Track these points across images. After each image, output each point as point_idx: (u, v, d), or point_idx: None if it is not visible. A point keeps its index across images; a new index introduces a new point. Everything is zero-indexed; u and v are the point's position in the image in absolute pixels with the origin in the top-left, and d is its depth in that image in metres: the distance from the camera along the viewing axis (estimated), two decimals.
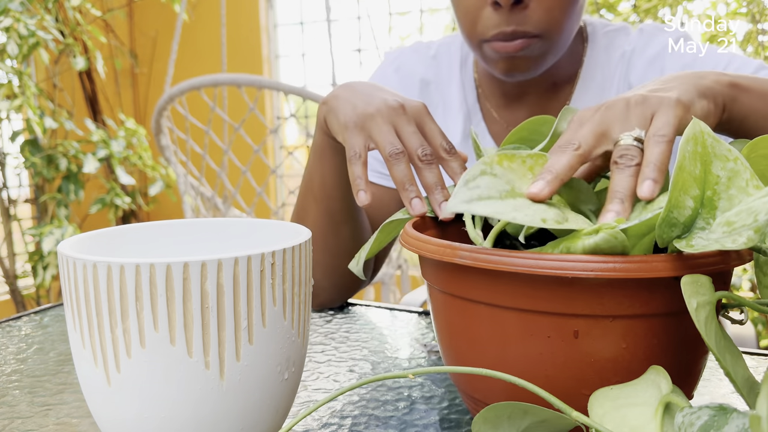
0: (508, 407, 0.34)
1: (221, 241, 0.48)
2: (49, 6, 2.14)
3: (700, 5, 1.95)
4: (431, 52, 0.86)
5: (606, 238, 0.35)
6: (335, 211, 0.70)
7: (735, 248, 0.31)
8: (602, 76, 0.80)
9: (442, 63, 0.85)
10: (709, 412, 0.28)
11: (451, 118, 0.84)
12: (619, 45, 0.81)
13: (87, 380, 0.37)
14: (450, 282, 0.41)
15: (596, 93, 0.81)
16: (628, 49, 0.80)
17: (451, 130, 0.83)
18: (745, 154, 0.42)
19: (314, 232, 0.71)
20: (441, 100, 0.84)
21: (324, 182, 0.69)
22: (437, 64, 0.85)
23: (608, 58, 0.81)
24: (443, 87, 0.84)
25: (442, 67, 0.84)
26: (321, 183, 0.69)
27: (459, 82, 0.84)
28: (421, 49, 0.87)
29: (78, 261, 0.35)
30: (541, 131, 0.51)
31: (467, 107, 0.83)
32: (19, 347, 0.65)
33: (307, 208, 0.72)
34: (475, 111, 0.83)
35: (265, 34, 2.74)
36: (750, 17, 1.81)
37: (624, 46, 0.80)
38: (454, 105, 0.83)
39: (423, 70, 0.85)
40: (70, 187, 2.18)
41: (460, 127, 0.83)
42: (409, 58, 0.86)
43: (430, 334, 0.67)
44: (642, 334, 0.36)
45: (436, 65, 0.85)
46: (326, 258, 0.72)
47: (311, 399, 0.52)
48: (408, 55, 0.86)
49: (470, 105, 0.83)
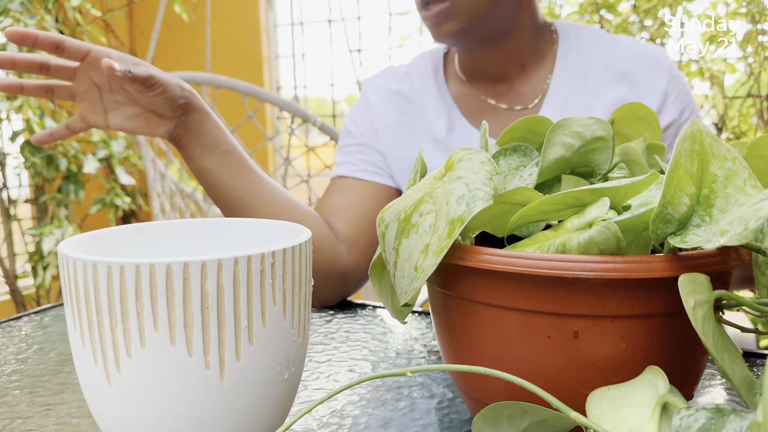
0: (507, 407, 0.34)
1: (221, 241, 0.48)
2: (49, 6, 2.14)
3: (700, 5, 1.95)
4: (403, 71, 0.97)
5: (600, 231, 0.35)
6: (239, 196, 0.75)
7: (725, 243, 0.32)
8: (576, 59, 0.90)
9: (413, 77, 0.95)
10: (706, 414, 0.28)
11: (434, 119, 0.92)
12: (586, 35, 0.92)
13: (87, 380, 0.37)
14: (450, 282, 0.41)
15: (573, 74, 0.89)
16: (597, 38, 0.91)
17: (436, 130, 0.91)
18: (744, 154, 0.42)
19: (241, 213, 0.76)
20: (420, 107, 0.94)
21: (214, 193, 0.76)
22: (410, 80, 0.95)
23: (578, 45, 0.91)
24: (419, 95, 0.94)
25: (415, 80, 0.95)
26: (208, 185, 0.75)
27: (434, 88, 0.93)
28: (393, 70, 0.98)
29: (78, 261, 0.35)
30: (534, 131, 0.51)
31: (446, 107, 0.92)
32: (20, 347, 0.65)
33: (226, 210, 0.77)
34: (454, 109, 0.92)
35: (265, 34, 2.74)
36: (750, 17, 1.81)
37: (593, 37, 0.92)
38: (433, 108, 0.92)
39: (398, 86, 0.95)
40: (70, 187, 2.18)
41: (444, 126, 0.91)
42: (383, 80, 0.97)
43: (430, 334, 0.67)
44: (642, 334, 0.36)
45: (409, 80, 0.95)
46: None
47: (311, 399, 0.52)
48: (383, 77, 0.97)
49: (448, 105, 0.92)
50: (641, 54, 0.89)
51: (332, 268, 0.79)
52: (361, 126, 0.94)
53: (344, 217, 0.84)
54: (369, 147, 0.93)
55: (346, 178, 0.91)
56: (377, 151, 0.92)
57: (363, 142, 0.93)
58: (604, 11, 1.96)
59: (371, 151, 0.92)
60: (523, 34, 0.89)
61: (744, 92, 1.92)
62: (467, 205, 0.37)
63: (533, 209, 0.38)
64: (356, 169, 0.91)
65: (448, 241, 0.37)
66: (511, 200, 0.41)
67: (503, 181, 0.48)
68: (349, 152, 0.93)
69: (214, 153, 0.74)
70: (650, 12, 1.87)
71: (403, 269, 0.40)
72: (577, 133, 0.46)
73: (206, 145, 0.73)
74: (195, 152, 0.74)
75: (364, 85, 0.98)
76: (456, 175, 0.40)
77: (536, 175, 0.45)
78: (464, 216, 0.37)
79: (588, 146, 0.46)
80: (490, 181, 0.39)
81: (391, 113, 0.93)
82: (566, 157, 0.46)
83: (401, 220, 0.41)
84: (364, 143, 0.93)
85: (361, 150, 0.92)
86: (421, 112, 0.93)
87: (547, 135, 0.45)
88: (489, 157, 0.40)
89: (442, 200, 0.39)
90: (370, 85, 0.97)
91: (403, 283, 0.40)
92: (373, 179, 0.90)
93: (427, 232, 0.39)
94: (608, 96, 0.87)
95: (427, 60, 0.96)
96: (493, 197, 0.38)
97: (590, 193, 0.37)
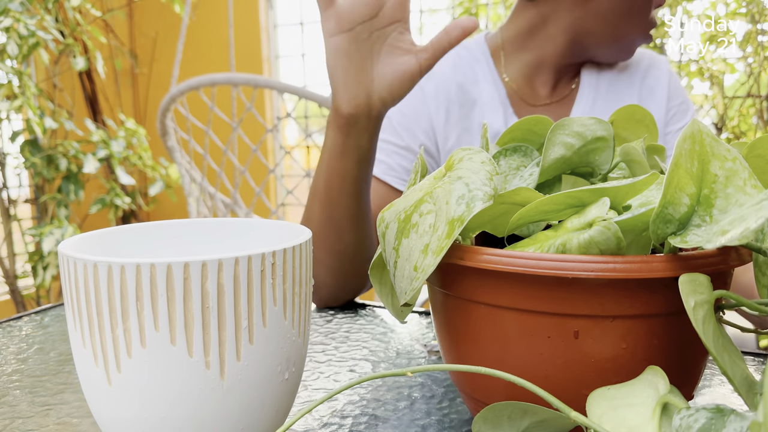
0: (508, 407, 0.34)
1: (221, 241, 0.48)
2: (49, 6, 2.14)
3: (700, 5, 1.95)
4: (450, 62, 0.91)
5: (600, 230, 0.35)
6: (339, 217, 0.69)
7: (725, 243, 0.32)
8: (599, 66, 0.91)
9: (464, 67, 0.90)
10: (707, 414, 0.28)
11: (489, 112, 0.88)
12: None
13: (87, 380, 0.37)
14: (450, 282, 0.41)
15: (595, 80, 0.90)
16: None
17: (492, 122, 0.87)
18: (744, 154, 0.42)
19: (318, 236, 0.71)
20: (478, 97, 0.89)
21: (329, 187, 0.68)
22: (461, 70, 0.90)
23: None
24: (475, 85, 0.89)
25: (467, 69, 0.90)
26: (326, 188, 0.69)
27: (489, 79, 0.89)
28: (441, 60, 0.91)
29: (78, 261, 0.35)
30: (535, 131, 0.51)
31: (501, 101, 0.88)
32: (20, 347, 0.65)
33: (312, 212, 0.71)
34: (507, 105, 0.88)
35: (265, 34, 2.74)
36: (750, 17, 1.81)
37: None
38: (488, 100, 0.88)
39: (452, 74, 0.89)
40: (70, 187, 2.18)
41: (502, 121, 0.87)
42: (439, 68, 0.90)
43: (430, 334, 0.67)
44: (642, 334, 0.36)
45: (461, 71, 0.90)
46: (330, 259, 0.72)
47: (311, 399, 0.52)
48: (436, 66, 0.90)
49: (503, 98, 0.88)
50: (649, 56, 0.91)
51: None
52: (413, 123, 0.87)
53: None
54: (412, 153, 0.87)
55: (379, 181, 0.86)
56: (426, 154, 0.86)
57: (407, 145, 0.87)
58: None
59: (413, 158, 0.86)
60: None
61: (744, 92, 1.92)
62: (467, 205, 0.37)
63: (533, 209, 0.38)
64: (392, 175, 0.86)
65: (447, 241, 0.37)
66: (511, 200, 0.41)
67: (503, 181, 0.48)
68: (389, 152, 0.87)
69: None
70: None
71: (403, 269, 0.40)
72: (578, 133, 0.46)
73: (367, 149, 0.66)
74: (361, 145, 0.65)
75: None
76: (456, 175, 0.40)
77: (537, 175, 0.45)
78: (464, 216, 0.37)
79: (589, 146, 0.46)
80: (490, 181, 0.39)
81: (450, 106, 0.87)
82: (567, 156, 0.46)
83: (401, 220, 0.41)
84: (407, 147, 0.87)
85: (403, 155, 0.87)
86: (477, 105, 0.88)
87: (548, 135, 0.45)
88: (489, 157, 0.40)
89: (442, 200, 0.39)
90: None
91: (403, 283, 0.40)
92: (392, 183, 0.86)
93: (427, 232, 0.39)
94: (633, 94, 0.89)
95: (474, 50, 0.92)
96: (493, 197, 0.38)
97: (590, 193, 0.37)
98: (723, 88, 1.93)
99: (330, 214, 0.69)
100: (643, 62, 0.92)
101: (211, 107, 1.72)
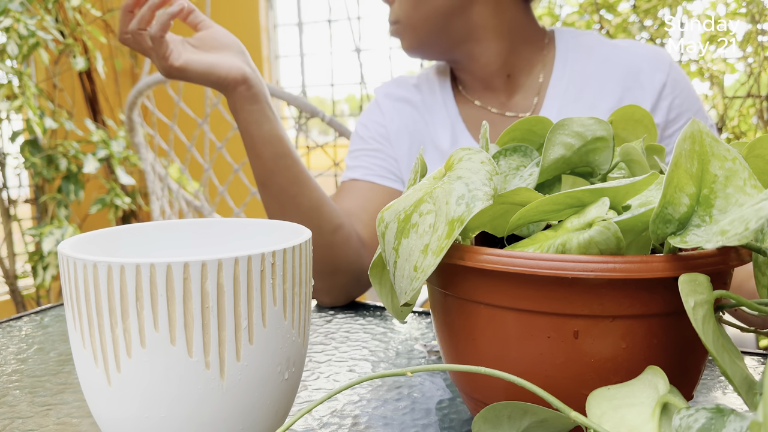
0: (507, 407, 0.34)
1: (221, 241, 0.48)
2: (49, 6, 2.14)
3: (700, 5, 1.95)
4: (413, 82, 1.00)
5: (600, 230, 0.35)
6: (285, 185, 0.75)
7: (725, 243, 0.32)
8: (572, 70, 0.91)
9: (424, 88, 0.98)
10: (707, 414, 0.28)
11: (440, 132, 0.95)
12: (585, 42, 0.93)
13: (87, 380, 0.37)
14: (450, 282, 0.41)
15: (568, 86, 0.90)
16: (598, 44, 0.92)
17: (441, 141, 0.93)
18: (744, 155, 0.42)
19: (277, 209, 0.77)
20: (428, 119, 0.96)
21: (262, 158, 0.75)
22: (419, 91, 0.98)
23: (576, 54, 0.92)
24: (428, 107, 0.96)
25: (425, 92, 0.98)
26: (261, 162, 0.75)
27: (441, 101, 0.96)
28: (404, 80, 1.01)
29: (78, 261, 0.35)
30: (535, 131, 0.51)
31: (450, 120, 0.94)
32: (20, 347, 0.65)
33: (264, 197, 0.77)
34: (458, 122, 0.94)
35: (265, 35, 2.74)
36: (750, 17, 1.81)
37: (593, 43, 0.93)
38: (439, 120, 0.95)
39: (409, 95, 0.98)
40: (70, 188, 2.18)
41: (448, 139, 0.94)
42: (395, 88, 0.99)
43: (430, 334, 0.67)
44: (642, 334, 0.36)
45: (419, 92, 0.98)
46: (318, 257, 0.76)
47: (311, 399, 0.52)
48: (395, 86, 1.00)
49: (453, 117, 0.94)
50: (643, 52, 0.89)
51: (354, 264, 0.79)
52: (373, 131, 0.96)
53: (358, 219, 0.85)
54: (382, 152, 0.94)
55: (359, 182, 0.92)
56: (390, 156, 0.93)
57: (376, 147, 0.94)
58: (604, 11, 1.96)
59: (384, 156, 0.93)
60: (499, 42, 0.90)
61: (744, 92, 1.92)
62: (467, 205, 0.37)
63: (533, 209, 0.38)
64: (370, 173, 0.92)
65: (447, 241, 0.37)
66: (511, 200, 0.41)
67: (503, 181, 0.48)
68: (361, 157, 0.94)
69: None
70: (650, 12, 1.88)
71: (403, 269, 0.40)
72: (578, 133, 0.46)
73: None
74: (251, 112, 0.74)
75: (376, 92, 1.01)
76: (456, 175, 0.40)
77: (536, 175, 0.45)
78: (464, 216, 0.37)
79: (588, 146, 0.46)
80: (489, 181, 0.39)
81: (403, 120, 0.95)
82: (567, 156, 0.46)
83: (401, 220, 0.41)
84: (376, 149, 0.94)
85: (374, 155, 0.94)
86: (430, 124, 0.95)
87: (548, 135, 0.45)
88: (489, 157, 0.40)
89: (441, 200, 0.39)
90: (383, 92, 0.99)
91: (403, 283, 0.40)
92: (387, 184, 0.91)
93: (427, 232, 0.39)
94: (602, 107, 0.88)
95: (437, 72, 0.99)
96: (492, 197, 0.38)
97: (590, 193, 0.37)
98: (723, 88, 1.93)
99: (272, 181, 0.75)
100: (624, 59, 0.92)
101: (177, 101, 1.69)
